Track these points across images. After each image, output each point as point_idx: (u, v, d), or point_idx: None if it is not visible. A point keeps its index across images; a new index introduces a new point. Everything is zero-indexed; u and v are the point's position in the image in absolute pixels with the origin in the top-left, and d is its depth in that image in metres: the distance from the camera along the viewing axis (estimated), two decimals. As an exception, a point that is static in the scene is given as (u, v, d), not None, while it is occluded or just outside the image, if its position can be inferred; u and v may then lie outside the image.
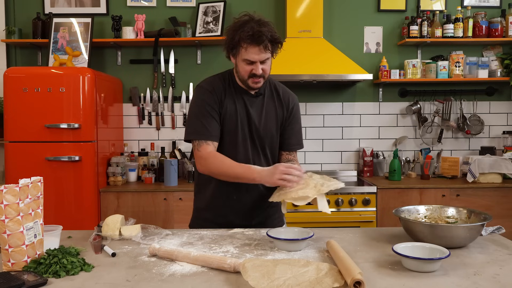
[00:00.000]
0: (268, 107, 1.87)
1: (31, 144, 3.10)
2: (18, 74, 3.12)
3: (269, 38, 1.70)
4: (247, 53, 1.71)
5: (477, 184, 3.32)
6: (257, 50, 1.71)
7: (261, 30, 1.68)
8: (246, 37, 1.68)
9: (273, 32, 1.73)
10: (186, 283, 1.22)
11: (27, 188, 1.32)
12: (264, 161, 1.88)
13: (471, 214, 1.67)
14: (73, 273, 1.28)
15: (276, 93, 1.90)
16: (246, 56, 1.72)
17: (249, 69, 1.74)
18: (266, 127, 1.86)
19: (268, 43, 1.70)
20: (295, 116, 1.93)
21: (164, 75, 3.80)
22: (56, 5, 3.75)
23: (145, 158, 3.63)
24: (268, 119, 1.86)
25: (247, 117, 1.83)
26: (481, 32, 3.59)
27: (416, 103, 3.78)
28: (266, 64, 1.76)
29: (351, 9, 3.81)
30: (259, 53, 1.71)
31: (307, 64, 3.40)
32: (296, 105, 1.94)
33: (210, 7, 3.67)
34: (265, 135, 1.86)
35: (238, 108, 1.82)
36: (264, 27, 1.70)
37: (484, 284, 1.20)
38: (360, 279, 1.12)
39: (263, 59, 1.73)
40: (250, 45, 1.70)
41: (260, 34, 1.67)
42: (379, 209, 3.25)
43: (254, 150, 1.85)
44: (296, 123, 1.94)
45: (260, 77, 1.76)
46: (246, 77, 1.77)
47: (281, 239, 1.51)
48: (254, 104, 1.85)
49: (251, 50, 1.71)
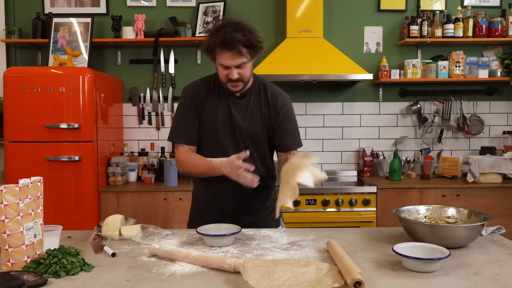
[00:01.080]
0: (254, 108, 1.86)
1: (31, 144, 3.10)
2: (18, 74, 3.12)
3: (242, 43, 1.67)
4: (221, 58, 1.72)
5: (477, 184, 3.32)
6: (230, 56, 1.69)
7: (233, 35, 1.65)
8: (219, 43, 1.68)
9: (250, 36, 1.69)
10: (186, 283, 1.22)
11: (27, 188, 1.32)
12: (250, 162, 1.83)
13: (471, 214, 1.67)
14: (73, 273, 1.28)
15: (264, 94, 1.88)
16: (220, 61, 1.73)
17: (226, 73, 1.75)
18: (250, 127, 1.85)
19: (243, 48, 1.68)
20: (286, 115, 1.89)
21: (164, 75, 3.80)
22: (56, 5, 3.75)
23: (145, 158, 3.63)
24: (253, 120, 1.85)
25: (229, 118, 1.84)
26: (481, 32, 3.59)
27: (416, 103, 3.78)
28: (243, 69, 1.74)
29: (351, 9, 3.81)
30: (232, 59, 1.70)
31: (307, 64, 3.40)
32: (286, 105, 1.90)
33: (210, 7, 3.67)
34: (249, 136, 1.85)
35: (218, 110, 1.84)
36: (238, 32, 1.67)
37: (484, 284, 1.20)
38: (360, 279, 1.12)
39: (237, 64, 1.71)
40: (223, 50, 1.69)
41: (232, 40, 1.66)
42: (379, 209, 3.25)
43: (236, 150, 1.82)
44: (288, 122, 1.90)
45: (237, 81, 1.76)
46: (224, 81, 1.78)
47: (209, 235, 1.55)
48: (239, 106, 1.85)
49: (224, 56, 1.70)
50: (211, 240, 1.56)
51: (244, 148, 1.83)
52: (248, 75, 1.78)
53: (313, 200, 3.21)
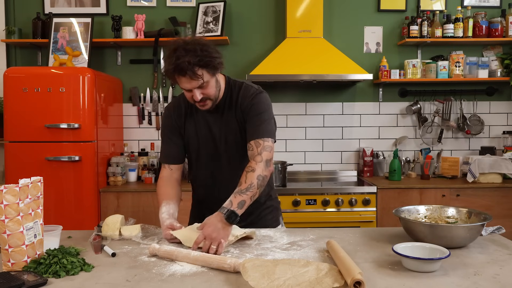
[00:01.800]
0: (228, 119, 1.82)
1: (31, 144, 3.10)
2: (18, 74, 3.12)
3: (193, 64, 1.59)
4: (180, 83, 1.66)
5: (477, 184, 3.32)
6: (186, 80, 1.64)
7: (180, 62, 1.59)
8: (171, 70, 1.63)
9: (202, 56, 1.61)
10: (186, 283, 1.22)
11: (27, 188, 1.32)
12: (230, 172, 1.82)
13: (471, 214, 1.67)
14: (73, 273, 1.28)
15: (235, 102, 1.81)
16: (180, 86, 1.69)
17: (190, 95, 1.71)
18: (228, 140, 1.82)
19: (197, 70, 1.61)
20: (253, 107, 1.77)
21: (164, 75, 3.80)
22: (56, 5, 3.75)
23: (145, 158, 3.63)
24: (228, 132, 1.82)
25: (210, 133, 1.83)
26: (481, 32, 3.59)
27: (416, 103, 3.78)
28: (206, 88, 1.68)
29: (351, 9, 3.81)
30: (189, 82, 1.64)
31: (307, 64, 3.40)
32: (255, 98, 1.79)
33: (210, 7, 3.67)
34: (228, 148, 1.83)
35: (198, 128, 1.85)
36: (189, 54, 1.60)
37: (484, 284, 1.20)
38: (360, 279, 1.12)
39: (196, 86, 1.65)
40: (178, 76, 1.64)
41: (183, 64, 1.59)
42: (379, 209, 3.25)
43: (216, 164, 1.85)
44: (255, 114, 1.77)
45: (203, 100, 1.71)
46: (192, 102, 1.76)
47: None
48: (214, 119, 1.83)
49: (181, 80, 1.65)
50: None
51: (226, 160, 1.85)
52: (213, 92, 1.71)
53: (313, 200, 3.21)
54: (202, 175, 1.93)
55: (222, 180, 1.86)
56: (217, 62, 1.67)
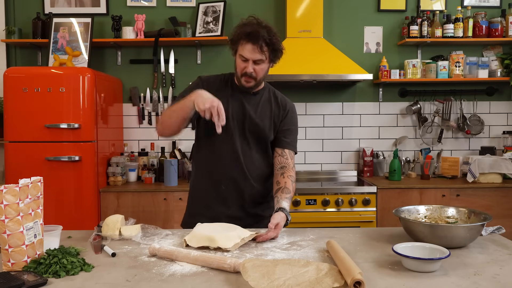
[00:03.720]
0: (264, 106, 1.92)
1: (31, 144, 3.10)
2: (18, 74, 3.12)
3: (266, 39, 1.74)
4: (242, 49, 1.78)
5: (477, 184, 3.32)
6: (251, 49, 1.75)
7: (259, 30, 1.73)
8: (244, 34, 1.75)
9: (274, 38, 1.77)
10: (186, 283, 1.22)
11: (27, 188, 1.32)
12: (257, 156, 1.91)
13: (471, 214, 1.67)
14: (73, 273, 1.28)
15: (274, 97, 1.96)
16: (241, 52, 1.79)
17: (243, 66, 1.80)
18: (260, 122, 1.88)
19: (264, 45, 1.75)
20: (292, 118, 1.97)
21: (164, 75, 3.80)
22: (56, 5, 3.75)
23: (145, 158, 3.63)
24: (263, 115, 1.90)
25: (241, 110, 1.87)
26: (481, 32, 3.59)
27: (416, 103, 3.78)
28: (259, 66, 1.79)
29: (351, 9, 3.81)
30: (252, 52, 1.76)
31: (307, 64, 3.40)
32: (292, 110, 1.98)
33: (210, 7, 3.67)
34: (258, 130, 1.89)
35: (230, 102, 1.87)
36: (264, 30, 1.75)
37: (484, 284, 1.20)
38: (360, 279, 1.12)
39: (256, 59, 1.77)
40: (246, 42, 1.76)
41: (257, 34, 1.73)
42: (379, 209, 3.25)
43: (244, 142, 1.88)
44: (292, 125, 1.97)
45: (251, 77, 1.80)
46: (240, 74, 1.82)
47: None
48: (251, 101, 1.90)
49: (246, 47, 1.76)
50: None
51: (252, 142, 1.88)
52: (262, 74, 1.83)
53: (313, 200, 3.21)
54: (224, 148, 1.87)
55: (244, 157, 1.87)
56: (280, 51, 1.82)
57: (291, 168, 1.90)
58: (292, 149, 1.96)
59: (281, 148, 1.93)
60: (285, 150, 1.92)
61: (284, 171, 1.88)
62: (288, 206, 1.76)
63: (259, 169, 1.91)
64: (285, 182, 1.83)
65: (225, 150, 1.87)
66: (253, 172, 1.89)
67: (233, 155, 1.87)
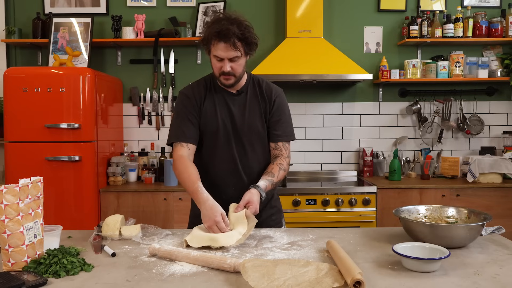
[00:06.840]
0: (252, 104, 1.89)
1: (31, 144, 3.10)
2: (18, 74, 3.12)
3: (237, 35, 1.69)
4: (215, 49, 1.74)
5: (477, 184, 3.32)
6: (224, 47, 1.71)
7: (229, 28, 1.68)
8: (214, 34, 1.70)
9: (245, 31, 1.72)
10: (186, 283, 1.22)
11: (27, 188, 1.32)
12: (253, 158, 1.89)
13: (471, 214, 1.67)
14: (73, 273, 1.28)
15: (259, 89, 1.92)
16: (214, 52, 1.75)
17: (219, 66, 1.77)
18: (251, 123, 1.87)
19: (237, 41, 1.70)
20: (279, 107, 1.92)
21: (164, 75, 3.80)
22: (56, 5, 3.75)
23: (145, 158, 3.63)
24: (252, 115, 1.88)
25: (229, 115, 1.86)
26: (481, 32, 3.59)
27: (416, 103, 3.78)
28: (236, 63, 1.76)
29: (351, 9, 3.81)
30: (226, 50, 1.72)
31: (307, 64, 3.40)
32: (279, 97, 1.92)
33: (210, 7, 3.67)
34: (251, 132, 1.87)
35: (218, 109, 1.86)
36: (234, 26, 1.69)
37: (484, 284, 1.20)
38: (360, 279, 1.12)
39: (231, 57, 1.74)
40: (218, 41, 1.71)
41: (227, 31, 1.68)
42: (379, 209, 3.25)
43: (240, 148, 1.87)
44: (282, 114, 1.92)
45: (229, 74, 1.77)
46: (218, 74, 1.80)
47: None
48: (236, 102, 1.88)
49: (218, 47, 1.72)
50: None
51: (247, 145, 1.86)
52: (240, 70, 1.79)
53: (313, 200, 3.21)
54: (220, 156, 1.88)
55: (242, 163, 1.88)
56: (255, 44, 1.77)
57: (284, 157, 1.91)
58: (286, 139, 1.93)
59: (274, 142, 1.92)
60: (278, 144, 1.92)
61: (275, 160, 1.90)
62: (264, 185, 1.76)
63: (257, 170, 1.90)
64: (272, 168, 1.85)
65: (222, 159, 1.87)
66: (251, 175, 1.88)
67: (231, 163, 1.87)
